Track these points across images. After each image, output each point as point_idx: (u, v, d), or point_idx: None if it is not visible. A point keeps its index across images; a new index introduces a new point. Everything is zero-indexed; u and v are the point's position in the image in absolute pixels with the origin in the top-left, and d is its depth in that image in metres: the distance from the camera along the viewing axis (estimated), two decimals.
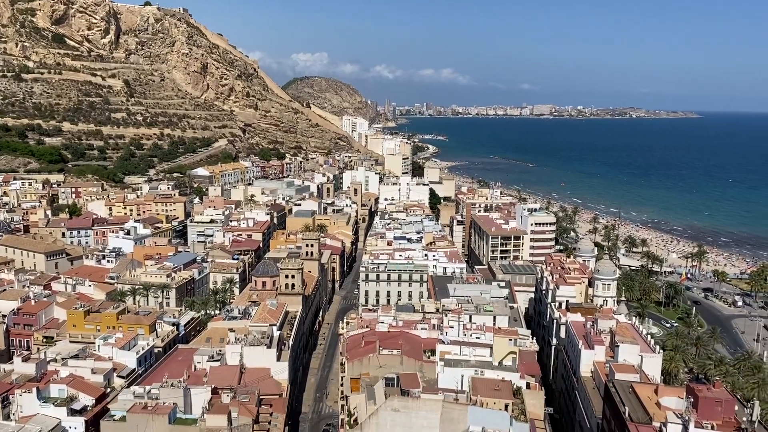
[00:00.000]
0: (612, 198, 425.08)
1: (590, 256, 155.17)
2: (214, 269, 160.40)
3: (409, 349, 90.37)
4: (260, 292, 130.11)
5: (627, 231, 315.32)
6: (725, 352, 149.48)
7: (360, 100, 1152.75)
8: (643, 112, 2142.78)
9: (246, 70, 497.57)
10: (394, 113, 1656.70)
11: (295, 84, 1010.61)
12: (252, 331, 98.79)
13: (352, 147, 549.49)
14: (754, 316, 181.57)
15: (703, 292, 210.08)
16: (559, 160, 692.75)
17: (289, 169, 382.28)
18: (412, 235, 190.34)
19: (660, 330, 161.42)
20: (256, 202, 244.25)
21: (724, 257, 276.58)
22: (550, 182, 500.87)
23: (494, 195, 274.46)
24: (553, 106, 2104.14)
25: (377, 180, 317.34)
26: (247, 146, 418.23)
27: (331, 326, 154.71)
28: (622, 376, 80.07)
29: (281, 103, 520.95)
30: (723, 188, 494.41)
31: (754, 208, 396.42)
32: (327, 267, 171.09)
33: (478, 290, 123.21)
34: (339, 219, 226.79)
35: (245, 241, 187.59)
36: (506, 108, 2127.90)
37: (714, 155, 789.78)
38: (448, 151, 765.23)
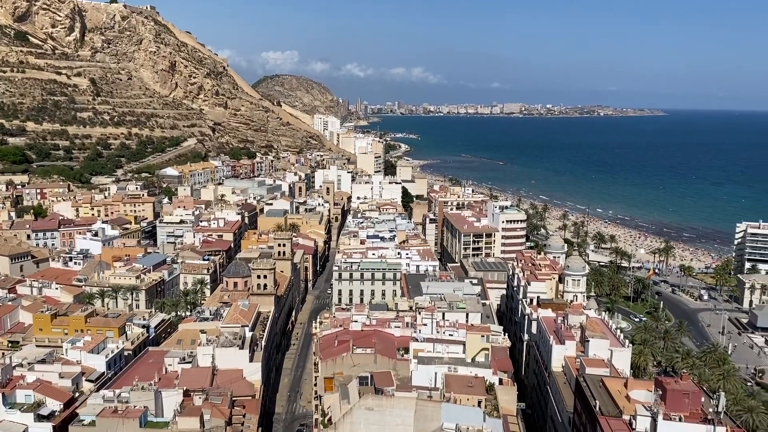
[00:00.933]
0: (581, 195, 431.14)
1: (560, 252, 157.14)
2: (184, 270, 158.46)
3: (382, 347, 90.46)
4: (232, 293, 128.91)
5: (596, 227, 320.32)
6: (692, 345, 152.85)
7: (331, 99, 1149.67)
8: (611, 110, 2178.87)
9: (215, 68, 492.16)
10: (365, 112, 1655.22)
11: (265, 82, 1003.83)
12: (224, 332, 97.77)
13: (323, 146, 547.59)
14: (719, 310, 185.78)
15: (670, 287, 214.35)
16: (529, 158, 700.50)
17: (260, 168, 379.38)
18: (385, 233, 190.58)
19: (629, 324, 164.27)
20: (226, 202, 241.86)
21: (689, 252, 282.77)
22: (521, 180, 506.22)
23: (466, 193, 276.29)
24: (523, 104, 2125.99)
25: (350, 179, 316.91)
26: (217, 145, 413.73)
27: (304, 326, 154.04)
28: (593, 370, 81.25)
29: (251, 101, 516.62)
30: (687, 185, 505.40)
31: (717, 204, 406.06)
32: (300, 266, 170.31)
33: (451, 288, 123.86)
34: (311, 218, 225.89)
35: (216, 241, 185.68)
36: (477, 107, 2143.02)
37: (679, 152, 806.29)
38: (420, 150, 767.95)
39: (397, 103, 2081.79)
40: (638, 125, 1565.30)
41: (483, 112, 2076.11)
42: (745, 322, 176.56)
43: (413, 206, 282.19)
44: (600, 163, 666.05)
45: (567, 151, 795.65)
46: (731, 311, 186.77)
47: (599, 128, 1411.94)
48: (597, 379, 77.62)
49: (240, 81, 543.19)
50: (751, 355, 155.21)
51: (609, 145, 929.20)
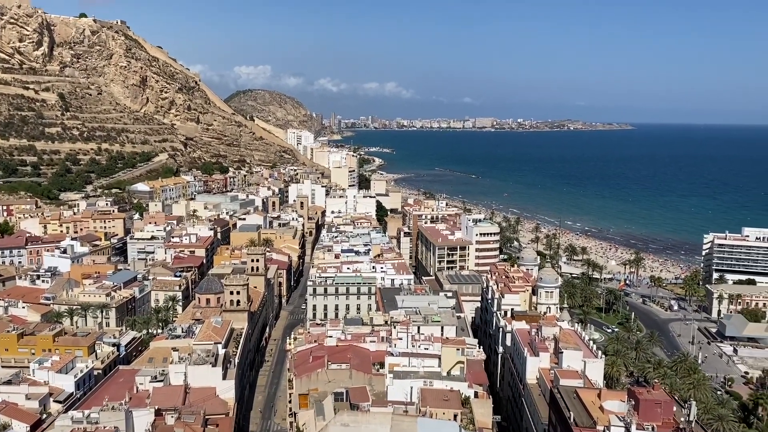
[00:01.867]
0: (552, 208, 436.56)
1: (533, 264, 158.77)
2: (155, 287, 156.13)
3: (358, 362, 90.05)
4: (204, 310, 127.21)
5: (568, 239, 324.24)
6: (663, 355, 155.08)
7: (305, 113, 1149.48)
8: (581, 124, 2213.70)
9: (187, 83, 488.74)
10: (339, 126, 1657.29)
11: (238, 97, 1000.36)
12: (196, 349, 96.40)
13: (297, 160, 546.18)
14: (688, 320, 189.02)
15: (641, 298, 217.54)
16: (502, 172, 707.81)
17: (233, 183, 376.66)
18: (360, 247, 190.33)
19: (601, 335, 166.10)
20: (198, 217, 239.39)
21: (659, 263, 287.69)
22: (493, 193, 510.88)
23: (440, 206, 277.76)
24: (494, 119, 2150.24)
25: (324, 193, 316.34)
26: (189, 160, 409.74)
27: (278, 342, 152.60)
28: (567, 381, 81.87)
29: (224, 116, 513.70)
30: (655, 197, 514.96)
31: (684, 216, 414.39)
32: (273, 282, 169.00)
33: (426, 301, 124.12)
34: (285, 233, 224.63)
35: (188, 257, 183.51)
36: (450, 121, 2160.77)
37: (646, 165, 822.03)
38: (394, 164, 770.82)
39: (370, 117, 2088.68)
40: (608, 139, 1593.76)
41: (456, 127, 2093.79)
42: (714, 331, 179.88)
43: (388, 220, 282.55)
44: (570, 176, 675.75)
45: (538, 165, 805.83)
46: (700, 321, 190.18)
47: (569, 142, 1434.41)
48: (571, 390, 78.24)
49: (212, 96, 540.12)
50: (721, 364, 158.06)
51: (578, 158, 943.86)
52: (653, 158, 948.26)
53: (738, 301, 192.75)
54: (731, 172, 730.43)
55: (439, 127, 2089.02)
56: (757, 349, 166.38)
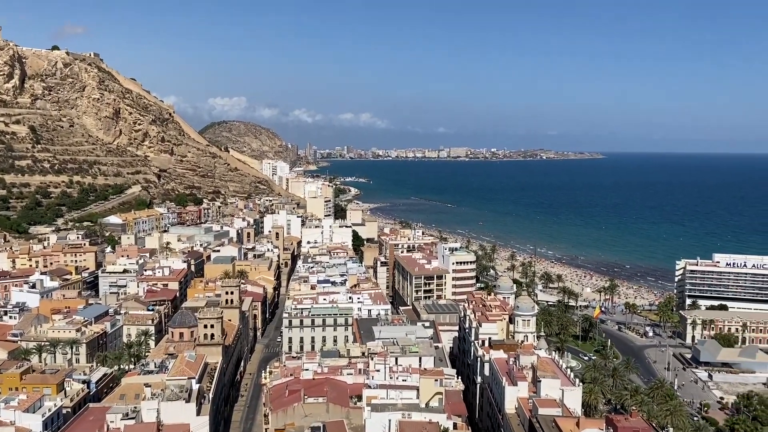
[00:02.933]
0: (527, 235, 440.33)
1: (510, 292, 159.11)
2: (127, 321, 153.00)
3: (335, 395, 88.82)
4: (177, 344, 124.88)
5: (543, 267, 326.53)
6: (640, 381, 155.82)
7: (280, 144, 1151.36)
8: (553, 154, 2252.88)
9: (161, 114, 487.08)
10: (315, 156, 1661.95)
11: (213, 128, 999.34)
12: (169, 385, 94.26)
13: (273, 191, 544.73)
14: (663, 346, 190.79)
15: (616, 324, 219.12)
16: (476, 200, 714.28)
17: (207, 214, 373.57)
18: (336, 278, 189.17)
19: (578, 363, 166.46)
20: (172, 250, 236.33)
21: (633, 290, 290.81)
22: (469, 222, 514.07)
23: (416, 235, 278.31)
24: (468, 148, 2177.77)
25: (299, 223, 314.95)
26: (163, 192, 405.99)
27: (253, 376, 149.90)
28: (545, 410, 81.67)
29: (198, 147, 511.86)
30: (627, 224, 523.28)
31: (655, 242, 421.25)
32: (248, 314, 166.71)
33: (404, 331, 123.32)
34: (260, 264, 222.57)
35: (161, 290, 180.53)
36: (424, 150, 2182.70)
37: (618, 193, 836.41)
38: (370, 193, 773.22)
39: (346, 147, 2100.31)
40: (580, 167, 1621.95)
41: (430, 156, 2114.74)
42: (688, 357, 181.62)
43: (364, 249, 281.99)
44: (543, 205, 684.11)
45: (512, 193, 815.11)
46: (675, 347, 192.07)
47: (542, 171, 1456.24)
48: (549, 419, 78.06)
49: (186, 127, 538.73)
50: (696, 390, 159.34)
51: (551, 186, 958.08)
52: (624, 186, 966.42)
53: (711, 326, 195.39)
54: (699, 199, 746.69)
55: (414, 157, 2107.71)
56: (732, 374, 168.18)
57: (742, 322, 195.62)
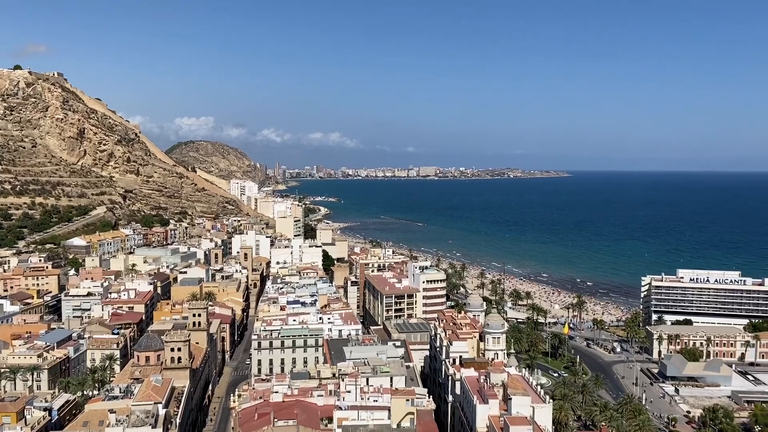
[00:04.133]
0: (496, 253, 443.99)
1: (480, 310, 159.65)
2: (91, 346, 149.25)
3: (305, 418, 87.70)
4: (144, 368, 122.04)
5: (512, 285, 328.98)
6: (608, 397, 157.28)
7: (248, 164, 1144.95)
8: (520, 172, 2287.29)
9: (127, 134, 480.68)
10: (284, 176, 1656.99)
11: (179, 148, 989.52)
12: (135, 410, 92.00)
13: (241, 211, 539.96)
14: (631, 361, 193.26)
15: (585, 341, 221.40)
16: (446, 219, 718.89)
17: (174, 235, 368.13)
18: (306, 298, 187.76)
19: (548, 380, 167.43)
20: (137, 272, 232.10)
21: (600, 306, 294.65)
22: (439, 240, 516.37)
23: (387, 254, 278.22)
24: (437, 167, 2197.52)
25: (268, 243, 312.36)
26: (128, 213, 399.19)
27: (222, 400, 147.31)
28: (516, 428, 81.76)
29: (165, 167, 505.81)
30: (593, 241, 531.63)
31: (621, 259, 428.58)
32: (216, 337, 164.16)
33: (374, 351, 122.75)
34: (228, 285, 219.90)
35: (126, 313, 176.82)
36: (394, 170, 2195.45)
37: (583, 211, 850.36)
38: (340, 213, 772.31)
39: (315, 167, 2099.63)
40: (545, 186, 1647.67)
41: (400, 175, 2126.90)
42: (655, 372, 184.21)
43: (334, 269, 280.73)
44: (511, 223, 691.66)
45: (480, 212, 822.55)
46: (642, 362, 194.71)
47: (509, 189, 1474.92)
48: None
49: (153, 147, 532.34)
50: (664, 404, 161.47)
51: (519, 205, 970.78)
52: (589, 204, 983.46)
53: (677, 341, 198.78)
54: (661, 216, 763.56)
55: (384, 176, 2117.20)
56: (697, 388, 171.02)
57: (706, 337, 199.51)
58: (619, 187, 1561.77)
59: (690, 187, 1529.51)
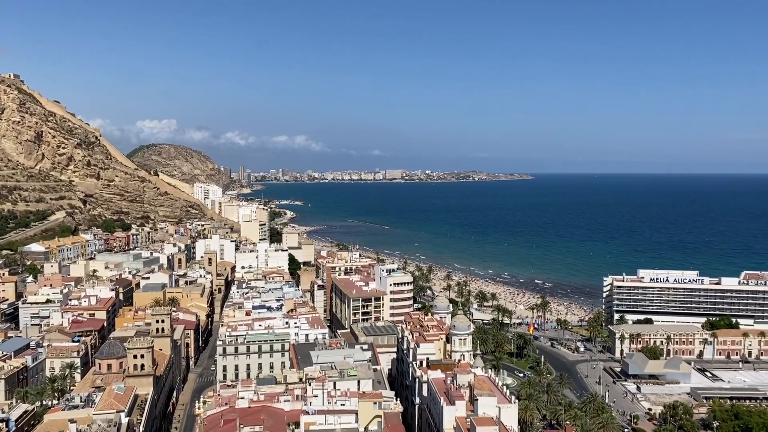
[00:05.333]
0: (462, 256, 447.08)
1: (446, 312, 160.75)
2: (51, 354, 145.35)
3: (272, 424, 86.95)
4: (105, 376, 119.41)
5: (478, 286, 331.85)
6: (573, 396, 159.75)
7: (212, 167, 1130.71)
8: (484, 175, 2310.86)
9: (87, 138, 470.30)
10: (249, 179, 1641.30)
11: (141, 152, 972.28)
12: (96, 420, 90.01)
13: (205, 215, 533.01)
14: (594, 360, 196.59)
15: (549, 341, 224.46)
16: (412, 222, 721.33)
17: (136, 240, 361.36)
18: (272, 303, 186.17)
19: (514, 380, 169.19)
20: (99, 278, 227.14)
21: (564, 306, 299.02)
22: (405, 243, 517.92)
23: (353, 258, 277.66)
24: (404, 170, 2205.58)
25: (233, 248, 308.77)
26: (89, 218, 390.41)
27: (186, 407, 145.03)
28: (483, 429, 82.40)
29: (126, 171, 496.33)
30: (556, 242, 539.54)
31: (583, 260, 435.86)
32: (180, 343, 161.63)
33: (342, 355, 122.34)
34: (192, 291, 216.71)
35: (87, 320, 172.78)
36: (360, 173, 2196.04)
37: (546, 213, 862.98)
38: (306, 216, 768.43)
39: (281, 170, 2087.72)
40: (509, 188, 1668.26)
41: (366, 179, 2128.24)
42: (618, 370, 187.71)
43: (301, 273, 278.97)
44: (476, 225, 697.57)
45: (446, 214, 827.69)
46: (605, 361, 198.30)
47: (474, 192, 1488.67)
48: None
49: (114, 151, 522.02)
50: (626, 402, 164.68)
51: (483, 207, 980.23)
52: (552, 206, 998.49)
53: (638, 340, 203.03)
54: (621, 217, 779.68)
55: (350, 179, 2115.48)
56: (658, 386, 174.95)
57: (667, 335, 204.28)
58: (580, 189, 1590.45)
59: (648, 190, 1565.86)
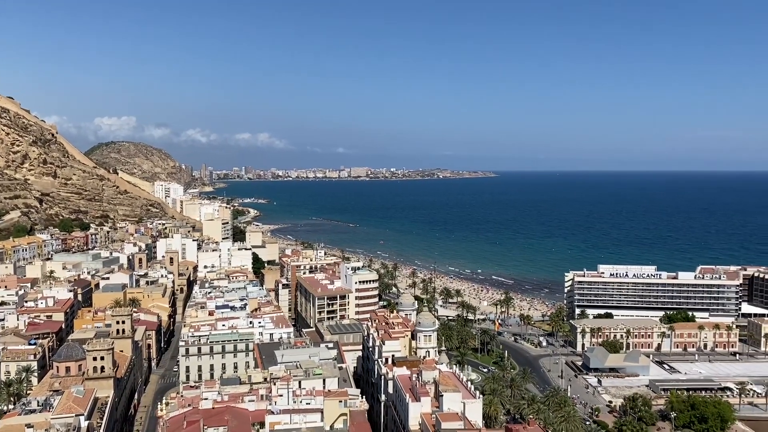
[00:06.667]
0: (427, 253, 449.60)
1: (411, 309, 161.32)
2: (5, 358, 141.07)
3: (236, 424, 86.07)
4: (64, 379, 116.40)
5: (443, 283, 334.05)
6: (536, 390, 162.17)
7: (173, 165, 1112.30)
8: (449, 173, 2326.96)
9: (42, 135, 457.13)
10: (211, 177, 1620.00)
11: (100, 149, 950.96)
12: (54, 424, 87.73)
13: (166, 214, 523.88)
14: (556, 354, 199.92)
15: (513, 336, 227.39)
16: (378, 220, 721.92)
17: (95, 240, 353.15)
18: (236, 302, 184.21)
19: (478, 375, 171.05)
20: (56, 279, 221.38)
21: (527, 302, 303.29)
22: (371, 241, 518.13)
23: (319, 256, 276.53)
24: (369, 168, 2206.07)
25: (195, 247, 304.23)
26: (45, 217, 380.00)
27: (148, 409, 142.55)
28: (448, 425, 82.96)
29: (84, 170, 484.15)
30: (518, 239, 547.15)
31: (545, 256, 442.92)
32: (142, 344, 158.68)
33: (307, 354, 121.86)
34: (154, 291, 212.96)
35: (44, 322, 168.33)
36: (325, 171, 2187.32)
37: (509, 210, 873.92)
38: (270, 215, 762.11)
39: (244, 168, 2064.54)
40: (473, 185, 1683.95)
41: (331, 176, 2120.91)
42: (579, 364, 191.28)
43: (265, 272, 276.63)
44: (441, 222, 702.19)
45: (411, 212, 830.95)
46: (567, 355, 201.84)
47: (439, 189, 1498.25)
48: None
49: (71, 148, 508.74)
50: (588, 395, 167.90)
51: (448, 204, 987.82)
52: (515, 203, 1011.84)
53: (599, 334, 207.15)
54: (581, 214, 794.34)
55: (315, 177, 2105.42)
56: (618, 379, 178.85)
57: (626, 329, 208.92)
58: (542, 187, 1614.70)
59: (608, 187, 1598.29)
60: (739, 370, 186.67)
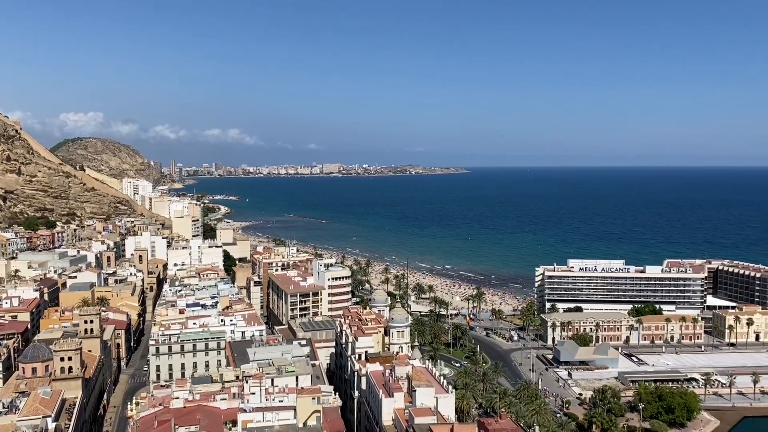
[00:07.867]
0: (399, 249, 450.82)
1: (384, 305, 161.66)
2: None
3: (208, 423, 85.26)
4: (30, 381, 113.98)
5: (415, 279, 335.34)
6: (508, 384, 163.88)
7: (142, 162, 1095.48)
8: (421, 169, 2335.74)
9: (5, 131, 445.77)
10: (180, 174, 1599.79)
11: (66, 146, 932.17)
12: (21, 426, 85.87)
13: (134, 211, 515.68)
14: (528, 348, 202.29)
15: (485, 330, 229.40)
16: (350, 216, 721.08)
17: (62, 238, 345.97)
18: (207, 300, 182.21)
19: (451, 370, 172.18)
20: (21, 278, 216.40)
21: (498, 297, 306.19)
22: (343, 237, 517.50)
23: (291, 253, 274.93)
24: (341, 164, 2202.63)
25: (165, 245, 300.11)
26: (9, 216, 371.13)
27: (118, 409, 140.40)
28: (421, 419, 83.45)
29: (50, 166, 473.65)
30: (489, 234, 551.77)
31: (515, 251, 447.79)
32: (111, 344, 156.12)
33: (279, 351, 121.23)
34: (123, 290, 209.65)
35: (9, 323, 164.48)
36: (297, 167, 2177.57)
37: (481, 206, 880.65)
38: (242, 211, 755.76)
39: (214, 164, 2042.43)
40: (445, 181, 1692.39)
41: (303, 173, 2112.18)
42: (550, 357, 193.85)
43: (236, 270, 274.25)
44: (413, 218, 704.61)
45: (383, 208, 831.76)
46: (538, 349, 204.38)
47: (411, 185, 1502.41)
48: (425, 427, 79.90)
49: (36, 145, 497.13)
50: (558, 388, 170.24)
51: (420, 200, 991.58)
52: (486, 199, 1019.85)
53: (569, 327, 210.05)
54: (551, 209, 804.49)
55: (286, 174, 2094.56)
56: (588, 371, 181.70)
57: (595, 323, 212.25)
58: (513, 183, 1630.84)
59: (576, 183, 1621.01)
60: (704, 361, 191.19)
